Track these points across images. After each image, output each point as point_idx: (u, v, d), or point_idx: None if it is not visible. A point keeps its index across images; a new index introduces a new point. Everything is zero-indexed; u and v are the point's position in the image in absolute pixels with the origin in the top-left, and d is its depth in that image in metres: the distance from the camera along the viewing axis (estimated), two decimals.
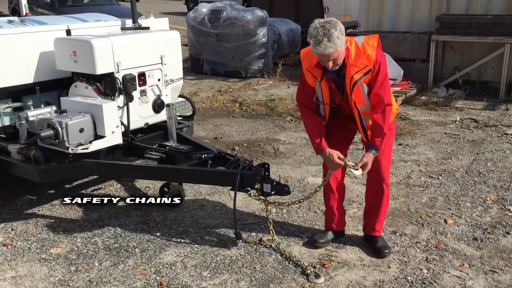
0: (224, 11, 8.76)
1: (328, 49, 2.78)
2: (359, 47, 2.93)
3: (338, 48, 2.79)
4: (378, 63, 2.93)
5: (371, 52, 2.93)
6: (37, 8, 12.86)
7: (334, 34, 2.75)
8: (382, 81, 2.95)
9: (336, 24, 2.78)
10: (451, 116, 6.48)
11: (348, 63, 2.93)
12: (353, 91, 2.96)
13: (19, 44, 3.82)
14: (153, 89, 4.08)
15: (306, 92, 3.17)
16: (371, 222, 3.39)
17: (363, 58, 2.91)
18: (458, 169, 4.77)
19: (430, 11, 7.97)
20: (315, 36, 2.77)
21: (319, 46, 2.78)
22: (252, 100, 7.41)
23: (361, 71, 2.92)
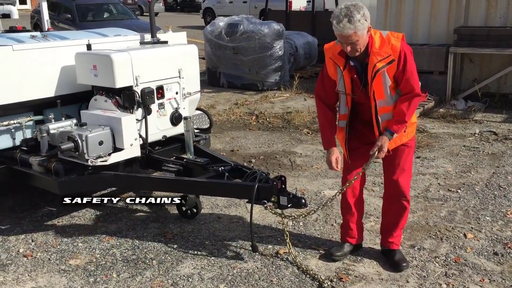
0: (241, 24, 8.85)
1: (347, 30, 2.76)
2: (384, 37, 2.92)
3: (358, 31, 2.77)
4: (404, 53, 2.88)
5: (396, 42, 2.90)
6: (59, 23, 13.17)
7: (356, 16, 2.74)
8: (410, 70, 2.90)
9: (360, 8, 2.78)
10: (470, 129, 6.41)
11: (371, 51, 2.90)
12: (374, 80, 2.92)
13: (41, 59, 3.91)
14: (171, 102, 4.12)
15: (325, 86, 3.16)
16: (390, 236, 3.36)
17: (387, 47, 2.88)
18: (478, 182, 4.71)
19: (448, 24, 7.94)
20: (337, 16, 2.78)
21: (339, 26, 2.77)
22: (269, 113, 7.44)
23: (385, 60, 2.88)
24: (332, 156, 3.14)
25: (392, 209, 3.30)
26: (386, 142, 3.01)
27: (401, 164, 3.16)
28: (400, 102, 2.99)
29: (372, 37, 2.90)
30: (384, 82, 2.94)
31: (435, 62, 7.69)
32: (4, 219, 4.12)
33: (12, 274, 3.33)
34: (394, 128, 3.00)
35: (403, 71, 2.91)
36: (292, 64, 9.77)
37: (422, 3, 8.11)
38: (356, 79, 3.04)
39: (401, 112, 2.98)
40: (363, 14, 2.78)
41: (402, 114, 2.97)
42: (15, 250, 3.64)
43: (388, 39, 2.91)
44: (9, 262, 3.47)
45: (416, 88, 2.96)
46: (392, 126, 3.01)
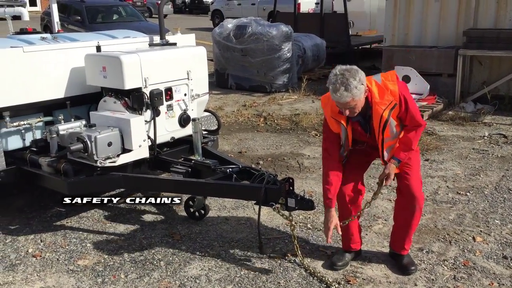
0: (249, 26, 8.86)
1: (345, 98, 2.80)
2: (380, 84, 2.94)
3: (355, 97, 2.80)
4: (403, 95, 2.95)
5: (393, 86, 2.94)
6: (68, 25, 13.26)
7: (352, 83, 2.76)
8: (412, 109, 2.98)
9: (355, 74, 2.79)
10: (479, 132, 6.37)
11: (373, 102, 2.93)
12: (385, 129, 2.97)
13: (52, 60, 3.95)
14: (180, 104, 4.14)
15: (331, 139, 3.16)
16: (401, 241, 3.32)
17: (388, 95, 2.93)
18: (487, 185, 4.68)
19: (457, 26, 7.90)
20: (334, 83, 2.80)
21: (336, 94, 2.80)
22: (277, 115, 7.44)
23: (388, 107, 2.93)
24: (331, 222, 3.11)
25: (403, 214, 3.25)
26: (393, 170, 3.08)
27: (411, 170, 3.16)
28: (407, 132, 3.06)
29: (370, 89, 2.92)
30: (391, 127, 3.00)
31: (444, 64, 7.65)
32: (14, 219, 4.15)
33: (21, 274, 3.36)
34: (402, 156, 3.07)
35: (406, 111, 2.98)
36: (300, 66, 9.77)
37: (431, 5, 8.08)
38: (361, 130, 3.10)
39: (408, 141, 3.05)
40: (359, 79, 2.80)
41: (409, 143, 3.05)
42: (24, 250, 3.67)
43: (385, 86, 2.94)
44: (18, 262, 3.50)
45: (420, 121, 3.04)
46: (399, 154, 3.07)
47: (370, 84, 2.92)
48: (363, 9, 14.58)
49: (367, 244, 3.61)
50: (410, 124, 3.03)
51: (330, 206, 3.13)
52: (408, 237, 3.31)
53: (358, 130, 3.10)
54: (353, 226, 3.36)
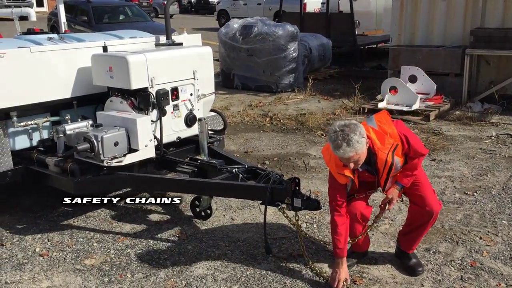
0: (255, 26, 8.86)
1: (348, 154, 2.79)
2: (377, 130, 2.94)
3: (358, 151, 2.79)
4: (402, 134, 2.97)
5: (391, 129, 2.96)
6: (75, 26, 13.32)
7: (354, 138, 2.74)
8: (414, 144, 2.99)
9: (355, 128, 2.78)
10: (487, 132, 6.33)
11: (376, 149, 2.92)
12: (390, 173, 2.97)
13: (58, 60, 3.96)
14: (186, 104, 4.15)
15: (339, 190, 3.11)
16: (410, 241, 3.31)
17: (388, 139, 2.93)
18: (494, 185, 4.65)
19: (464, 25, 7.86)
20: (335, 140, 2.78)
21: (339, 151, 2.79)
22: (283, 115, 7.43)
23: (391, 149, 2.93)
24: (341, 274, 3.08)
25: (421, 220, 3.20)
26: (396, 194, 3.09)
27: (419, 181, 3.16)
28: (410, 160, 3.04)
29: (370, 137, 2.91)
30: (396, 166, 2.99)
31: (450, 64, 7.62)
32: (21, 218, 4.18)
33: (28, 273, 3.37)
34: (405, 182, 3.08)
35: (409, 148, 2.99)
36: (306, 66, 9.76)
37: (438, 4, 8.04)
38: (368, 175, 3.09)
39: (412, 168, 3.05)
40: (360, 133, 2.78)
41: (413, 169, 3.06)
42: (32, 249, 3.69)
43: (384, 131, 2.95)
44: (26, 261, 3.52)
45: (422, 151, 3.04)
46: (402, 180, 3.08)
47: (368, 132, 2.90)
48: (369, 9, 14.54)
49: (373, 245, 3.60)
50: (414, 156, 3.03)
51: (341, 256, 3.10)
52: (419, 239, 3.31)
53: (366, 176, 3.10)
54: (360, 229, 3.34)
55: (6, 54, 3.66)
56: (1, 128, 3.78)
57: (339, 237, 3.08)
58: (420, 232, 3.25)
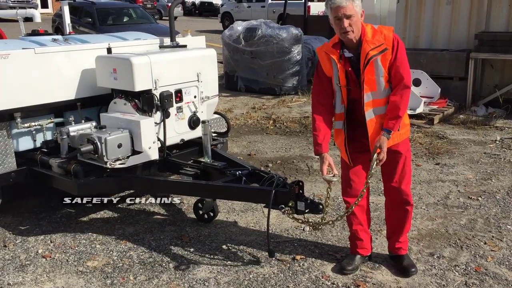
0: (259, 29, 8.86)
1: (345, 2, 2.78)
2: (375, 28, 2.94)
3: (355, 6, 2.80)
4: (397, 41, 2.89)
5: (388, 32, 2.92)
6: (79, 27, 13.35)
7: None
8: (401, 60, 2.89)
9: None
10: (491, 136, 6.30)
11: (364, 40, 2.89)
12: (367, 68, 2.88)
13: (63, 62, 3.97)
14: (189, 106, 4.15)
15: (322, 83, 3.09)
16: (396, 242, 3.31)
17: (379, 36, 2.90)
18: (499, 190, 4.62)
19: (468, 29, 7.83)
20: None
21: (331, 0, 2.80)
22: (286, 117, 7.42)
23: (378, 48, 2.87)
24: (324, 164, 3.01)
25: (395, 215, 3.26)
26: (384, 142, 2.94)
27: (399, 170, 3.12)
28: (392, 96, 2.93)
29: (364, 27, 2.91)
30: (377, 72, 2.90)
31: (455, 67, 7.59)
32: (24, 219, 4.17)
33: (30, 275, 3.37)
34: (390, 125, 2.93)
35: (395, 58, 2.90)
36: (310, 69, 9.73)
37: (442, 8, 8.02)
38: (351, 71, 2.99)
39: (394, 106, 2.91)
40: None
41: (396, 108, 2.90)
42: (34, 250, 3.68)
43: (380, 30, 2.94)
44: (28, 263, 3.51)
45: (405, 78, 2.90)
46: (387, 123, 2.93)
47: (365, 25, 2.92)
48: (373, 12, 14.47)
49: (377, 249, 3.58)
50: (394, 79, 2.91)
51: (320, 151, 3.04)
52: (403, 237, 3.30)
53: (349, 71, 2.99)
54: (362, 231, 3.33)
55: (11, 55, 3.67)
56: (5, 129, 3.79)
57: (317, 132, 3.04)
58: (401, 229, 3.25)
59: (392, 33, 2.93)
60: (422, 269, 3.34)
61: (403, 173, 3.13)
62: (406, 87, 2.92)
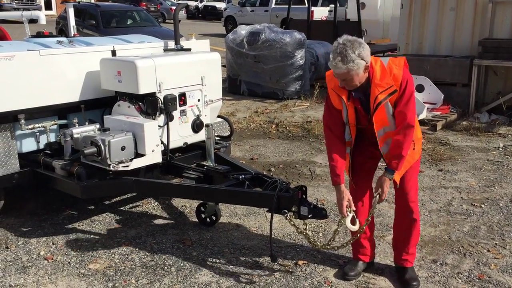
0: (262, 33, 8.87)
1: (339, 69, 2.75)
2: (385, 66, 2.86)
3: (350, 71, 2.74)
4: (405, 81, 2.83)
5: (397, 71, 2.83)
6: (83, 29, 13.38)
7: (350, 56, 2.69)
8: (407, 100, 2.84)
9: (356, 47, 2.71)
10: (494, 143, 6.29)
11: (373, 83, 2.85)
12: (376, 111, 2.87)
13: (67, 64, 3.97)
14: (193, 109, 4.15)
15: (332, 115, 3.08)
16: (403, 253, 3.26)
17: (388, 78, 2.83)
18: (502, 197, 4.61)
19: (472, 35, 7.84)
20: (333, 52, 2.76)
21: (332, 63, 2.77)
22: (289, 122, 7.42)
23: (386, 91, 2.83)
24: (344, 199, 3.00)
25: (402, 226, 3.22)
26: (387, 183, 2.97)
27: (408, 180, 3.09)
28: (396, 136, 2.89)
29: (373, 67, 2.83)
30: (388, 111, 2.90)
31: (458, 74, 7.59)
32: (26, 221, 4.17)
33: (32, 277, 3.36)
34: (393, 165, 2.92)
35: (402, 99, 2.85)
36: (313, 73, 9.75)
37: (446, 14, 8.03)
38: (361, 109, 3.00)
39: (397, 145, 2.88)
40: (359, 53, 2.71)
41: (399, 147, 2.88)
42: (36, 252, 3.67)
43: (390, 69, 2.84)
44: (30, 265, 3.51)
45: (408, 118, 2.86)
46: (391, 163, 2.93)
47: (374, 63, 2.84)
48: (377, 18, 14.54)
49: (379, 255, 3.57)
50: (397, 118, 2.88)
51: (339, 183, 3.00)
52: (411, 250, 3.23)
53: (359, 109, 2.99)
54: (365, 238, 3.31)
55: (16, 57, 3.68)
56: (8, 130, 3.79)
57: (335, 163, 3.01)
58: (406, 241, 3.20)
59: (402, 71, 2.84)
60: (425, 276, 3.32)
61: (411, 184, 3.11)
62: (409, 127, 2.87)
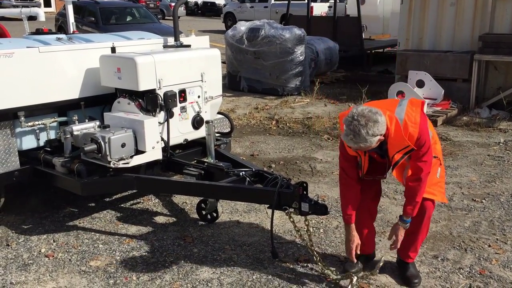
0: (262, 29, 8.85)
1: (351, 144, 2.78)
2: (400, 126, 2.80)
3: (362, 145, 2.73)
4: (420, 141, 2.81)
5: (413, 129, 2.79)
6: (82, 26, 13.35)
7: (361, 135, 2.67)
8: (424, 153, 2.84)
9: (371, 126, 2.67)
10: (495, 138, 6.29)
11: (389, 142, 2.84)
12: (395, 169, 2.93)
13: (67, 61, 3.96)
14: (193, 106, 4.14)
15: (348, 159, 3.08)
16: (407, 248, 3.24)
17: (403, 139, 2.79)
18: (503, 192, 4.60)
19: (472, 30, 7.82)
20: (347, 127, 2.73)
21: (345, 137, 2.77)
22: (289, 118, 7.41)
23: (402, 151, 2.83)
24: (354, 242, 3.09)
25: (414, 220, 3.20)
26: (401, 232, 3.00)
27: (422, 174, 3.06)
28: (410, 183, 2.90)
29: (388, 128, 2.80)
30: (405, 167, 2.93)
31: (458, 69, 7.57)
32: (27, 219, 4.17)
33: (33, 274, 3.36)
34: (409, 212, 2.95)
35: (418, 153, 2.84)
36: (313, 69, 9.74)
37: (446, 9, 8.01)
38: (378, 157, 3.01)
39: (413, 193, 2.91)
40: (372, 133, 2.67)
41: (414, 195, 2.91)
42: (37, 250, 3.67)
43: (406, 128, 2.79)
44: (31, 262, 3.51)
45: (424, 170, 2.85)
46: (406, 210, 2.95)
47: (390, 123, 2.80)
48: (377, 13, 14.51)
49: (381, 251, 3.56)
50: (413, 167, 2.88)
51: (350, 222, 3.08)
52: (414, 246, 3.22)
53: (375, 157, 3.04)
54: (367, 231, 3.31)
55: (15, 54, 3.66)
56: (8, 128, 3.78)
57: (347, 202, 3.06)
58: (414, 237, 3.18)
59: (418, 130, 2.80)
60: (426, 272, 3.32)
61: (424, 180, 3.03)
62: (425, 176, 2.87)
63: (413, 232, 3.19)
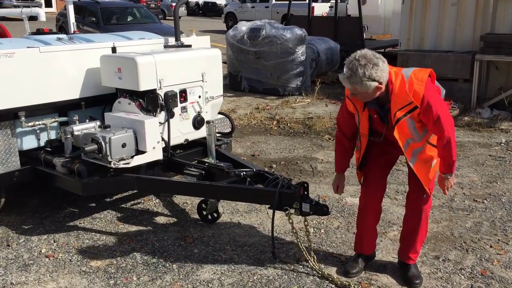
0: (263, 29, 8.84)
1: (345, 83, 2.73)
2: (405, 81, 2.73)
3: (358, 88, 2.69)
4: (426, 100, 2.70)
5: (418, 87, 2.70)
6: (83, 26, 13.35)
7: (358, 74, 2.62)
8: (437, 114, 2.72)
9: (368, 68, 2.61)
10: (496, 138, 6.27)
11: (392, 98, 2.77)
12: (396, 126, 2.82)
13: (67, 61, 3.95)
14: (194, 106, 4.13)
15: (345, 117, 3.10)
16: (406, 249, 3.24)
17: (407, 95, 2.71)
18: (504, 193, 4.59)
19: (473, 31, 7.81)
20: (346, 65, 2.70)
21: (341, 75, 2.74)
22: (290, 118, 7.40)
23: (405, 108, 2.74)
24: (335, 183, 3.32)
25: (411, 222, 3.19)
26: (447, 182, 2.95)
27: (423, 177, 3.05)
28: (439, 149, 2.86)
29: (393, 82, 2.74)
30: (409, 126, 2.83)
31: (460, 69, 7.55)
32: (27, 219, 4.16)
33: (34, 274, 3.36)
34: (448, 170, 2.91)
35: (428, 117, 2.75)
36: (314, 70, 9.72)
37: (447, 9, 7.99)
38: (377, 118, 2.94)
39: (447, 157, 2.86)
40: (370, 75, 2.61)
41: (449, 158, 2.86)
42: (38, 250, 3.67)
43: (411, 84, 2.71)
44: (31, 262, 3.50)
45: (446, 132, 2.76)
46: (445, 169, 2.90)
47: (395, 78, 2.74)
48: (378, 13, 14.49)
49: (381, 251, 3.55)
50: (434, 131, 2.83)
51: (339, 171, 3.30)
52: (414, 247, 3.21)
53: (375, 118, 2.95)
54: (371, 231, 3.31)
55: (15, 54, 3.66)
56: (9, 128, 3.77)
57: (337, 154, 3.28)
58: (413, 238, 3.17)
59: (424, 87, 2.70)
60: (427, 272, 3.31)
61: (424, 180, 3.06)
62: (449, 140, 2.79)
63: (411, 233, 3.19)
